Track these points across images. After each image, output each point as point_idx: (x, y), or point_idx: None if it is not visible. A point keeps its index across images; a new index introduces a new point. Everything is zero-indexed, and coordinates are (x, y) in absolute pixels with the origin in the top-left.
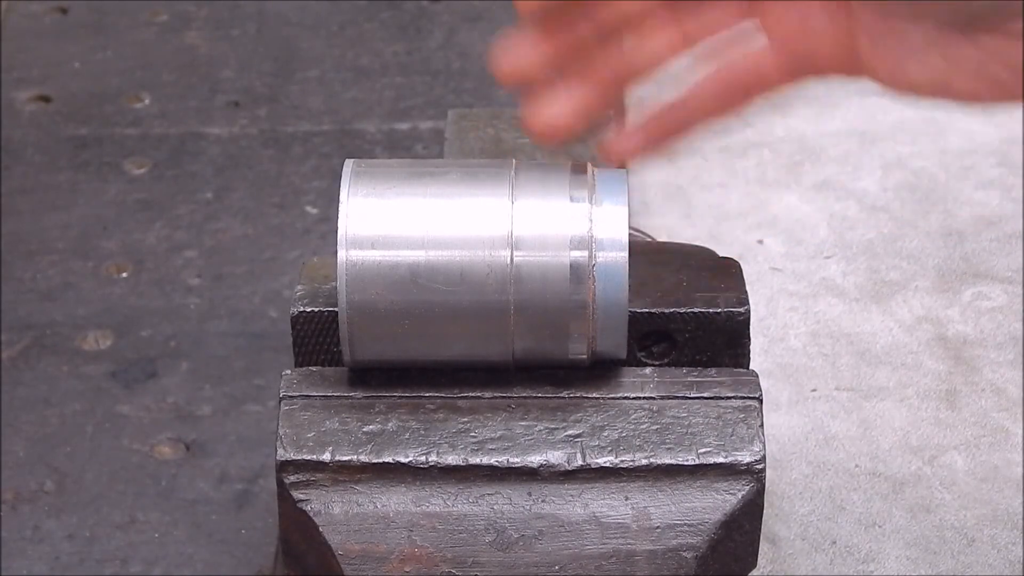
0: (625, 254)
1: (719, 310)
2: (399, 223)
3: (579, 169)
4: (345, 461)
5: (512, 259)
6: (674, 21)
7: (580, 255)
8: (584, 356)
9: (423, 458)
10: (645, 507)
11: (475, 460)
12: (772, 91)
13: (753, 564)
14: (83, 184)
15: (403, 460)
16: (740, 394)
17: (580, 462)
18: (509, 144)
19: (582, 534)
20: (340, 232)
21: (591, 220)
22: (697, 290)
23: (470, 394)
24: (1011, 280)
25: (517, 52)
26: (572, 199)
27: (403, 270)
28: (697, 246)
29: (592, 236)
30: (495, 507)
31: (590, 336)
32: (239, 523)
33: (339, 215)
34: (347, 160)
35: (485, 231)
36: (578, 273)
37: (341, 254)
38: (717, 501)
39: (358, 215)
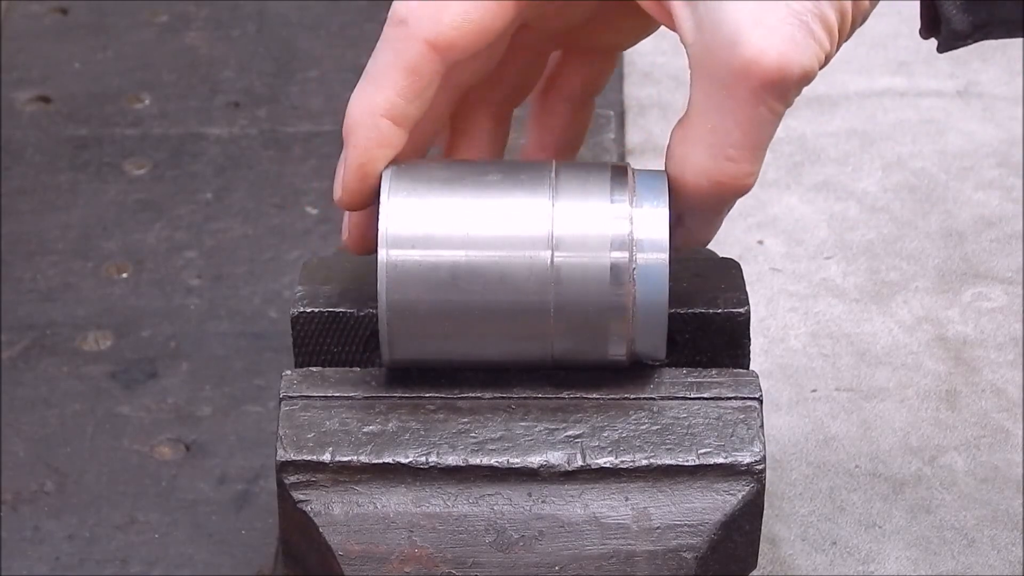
0: (665, 256)
1: (719, 310)
2: (439, 224)
3: (619, 171)
4: (345, 462)
5: (552, 260)
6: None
7: (621, 256)
8: (623, 357)
9: (423, 459)
10: (645, 508)
11: (475, 460)
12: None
13: (753, 565)
14: (83, 184)
15: (403, 460)
16: (740, 395)
17: (580, 463)
18: (508, 144)
19: (582, 535)
20: (380, 232)
21: (632, 222)
22: (697, 290)
23: (470, 394)
24: (1011, 280)
25: None
26: (612, 200)
27: (443, 271)
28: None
29: (632, 237)
30: (495, 507)
31: (629, 338)
32: (239, 523)
33: (379, 215)
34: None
35: (525, 232)
36: (618, 274)
37: (382, 254)
38: (717, 502)
39: (398, 215)
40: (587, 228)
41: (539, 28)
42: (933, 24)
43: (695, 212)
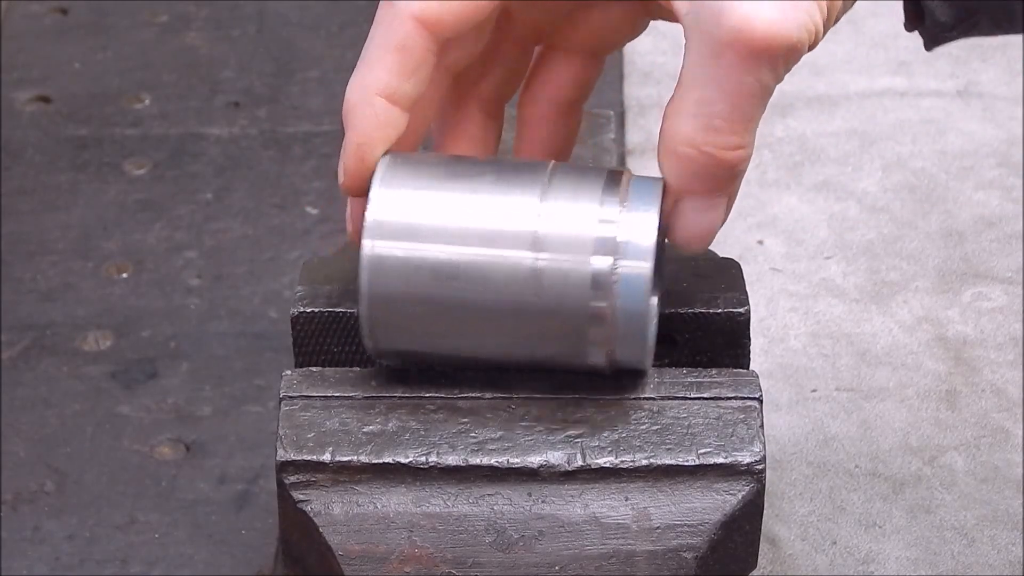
0: (648, 264)
1: (719, 310)
2: (426, 218)
3: (615, 175)
4: (345, 461)
5: (534, 262)
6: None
7: (603, 263)
8: (604, 364)
9: (423, 458)
10: (645, 507)
11: (475, 460)
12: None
13: (753, 565)
14: (83, 184)
15: (403, 460)
16: (740, 394)
17: (580, 463)
18: (509, 144)
19: (582, 535)
20: (366, 221)
21: (618, 226)
22: (697, 290)
23: (470, 394)
24: (1011, 280)
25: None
26: (602, 203)
27: (426, 266)
28: None
29: (617, 243)
30: (495, 507)
31: (609, 346)
32: (239, 523)
33: (367, 204)
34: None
35: (510, 231)
36: (599, 282)
37: (366, 244)
38: (717, 502)
39: (386, 206)
40: (572, 230)
41: (523, 18)
42: (917, 15)
43: (691, 193)
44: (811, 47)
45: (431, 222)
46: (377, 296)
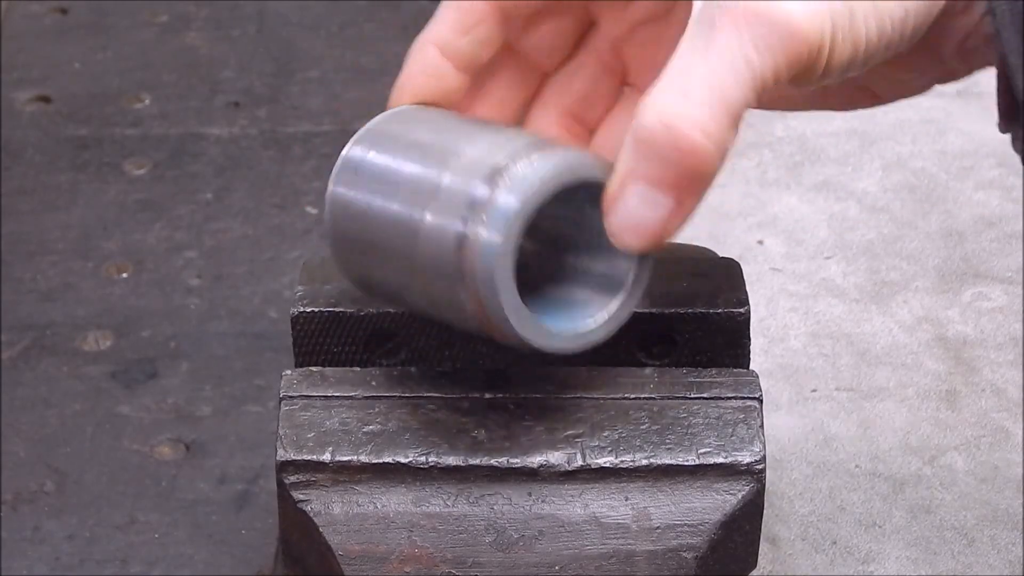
0: (504, 223)
1: (719, 310)
2: (375, 161)
3: (558, 143)
4: (345, 461)
5: (422, 213)
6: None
7: (465, 218)
8: (484, 333)
9: (423, 458)
10: (645, 507)
11: (475, 460)
12: None
13: (753, 564)
14: (83, 184)
15: (403, 460)
16: (740, 394)
17: (580, 462)
18: None
19: (582, 534)
20: (339, 157)
21: (496, 187)
22: (697, 290)
23: (470, 394)
24: (1011, 280)
25: None
26: (507, 157)
27: (356, 206)
28: (697, 246)
29: (489, 203)
30: (495, 507)
31: (481, 312)
32: (239, 523)
33: (347, 143)
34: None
35: (424, 183)
36: (460, 241)
37: (332, 178)
38: (717, 501)
39: (357, 147)
40: (461, 181)
41: (606, 31)
42: (1011, 111)
43: (638, 176)
44: (809, 68)
45: (374, 166)
46: (336, 230)
